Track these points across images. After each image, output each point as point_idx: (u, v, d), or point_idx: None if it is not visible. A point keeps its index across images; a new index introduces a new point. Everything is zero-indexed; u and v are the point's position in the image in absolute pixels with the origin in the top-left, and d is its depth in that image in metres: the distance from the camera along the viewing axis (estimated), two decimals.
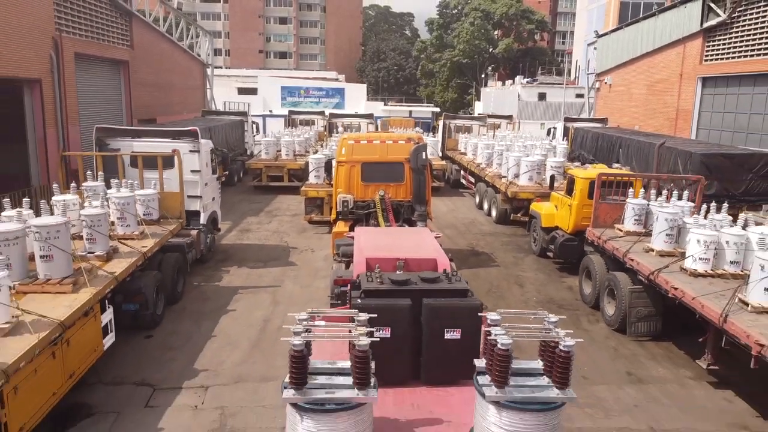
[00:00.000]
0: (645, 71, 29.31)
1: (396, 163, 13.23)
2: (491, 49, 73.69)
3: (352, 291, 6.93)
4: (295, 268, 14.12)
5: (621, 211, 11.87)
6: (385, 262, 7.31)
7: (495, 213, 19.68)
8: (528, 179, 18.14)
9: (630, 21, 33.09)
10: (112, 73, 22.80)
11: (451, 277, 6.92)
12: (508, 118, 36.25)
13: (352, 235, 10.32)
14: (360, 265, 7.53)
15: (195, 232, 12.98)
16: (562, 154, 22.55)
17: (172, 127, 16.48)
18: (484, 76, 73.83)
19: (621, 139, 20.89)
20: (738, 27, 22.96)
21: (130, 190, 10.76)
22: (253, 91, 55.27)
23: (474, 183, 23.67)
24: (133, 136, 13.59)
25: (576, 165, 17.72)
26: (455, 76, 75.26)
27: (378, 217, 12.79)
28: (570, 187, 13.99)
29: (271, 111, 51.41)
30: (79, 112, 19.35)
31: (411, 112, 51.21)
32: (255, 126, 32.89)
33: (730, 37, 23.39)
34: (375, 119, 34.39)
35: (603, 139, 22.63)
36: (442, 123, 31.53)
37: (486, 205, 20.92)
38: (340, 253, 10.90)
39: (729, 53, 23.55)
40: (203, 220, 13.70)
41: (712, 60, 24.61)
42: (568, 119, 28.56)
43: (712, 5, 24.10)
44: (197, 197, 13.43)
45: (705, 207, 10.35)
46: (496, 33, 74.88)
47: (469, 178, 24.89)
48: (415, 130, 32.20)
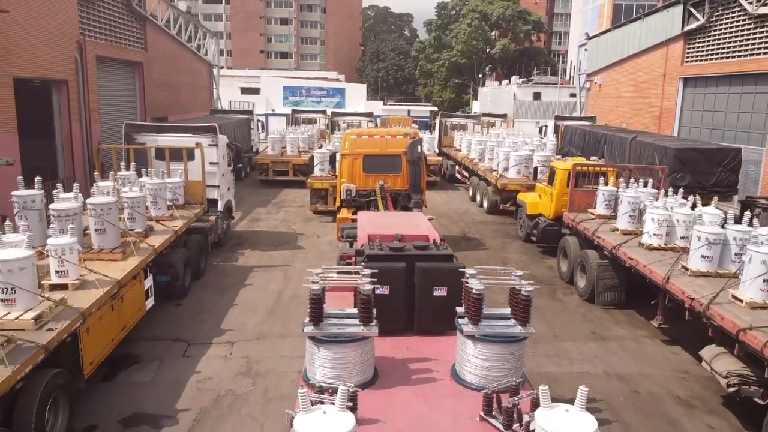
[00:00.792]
0: (631, 72, 30.83)
1: (394, 155, 14.70)
2: (488, 50, 75.15)
3: (357, 257, 8.41)
4: (303, 251, 15.62)
5: (593, 197, 13.39)
6: (384, 238, 8.77)
7: (486, 204, 21.22)
8: (516, 172, 19.66)
9: (618, 24, 34.61)
10: (128, 73, 24.30)
11: (439, 246, 8.41)
12: (502, 116, 37.77)
13: (355, 218, 11.83)
14: (363, 239, 8.98)
15: (213, 218, 14.47)
16: (550, 149, 24.03)
17: (185, 124, 17.95)
18: (482, 76, 75.27)
19: (605, 135, 22.38)
20: (715, 31, 24.48)
21: (160, 179, 12.25)
22: (255, 90, 56.77)
23: (468, 177, 25.19)
24: (157, 131, 15.08)
25: (557, 158, 19.22)
26: (453, 76, 76.71)
27: (378, 204, 14.25)
28: (551, 177, 15.50)
29: (273, 110, 52.88)
30: (100, 110, 20.86)
31: (409, 112, 52.68)
32: (260, 124, 34.38)
33: (708, 40, 24.91)
34: (375, 118, 35.90)
35: (589, 136, 24.11)
36: (438, 121, 33.03)
37: (478, 197, 22.46)
38: (344, 235, 12.40)
39: (707, 55, 25.06)
40: (220, 207, 15.20)
41: (692, 61, 26.13)
42: (559, 117, 30.02)
43: (692, 10, 25.61)
44: (215, 186, 14.91)
45: (663, 192, 11.85)
46: (493, 34, 76.34)
47: (463, 173, 26.42)
48: (412, 126, 33.67)
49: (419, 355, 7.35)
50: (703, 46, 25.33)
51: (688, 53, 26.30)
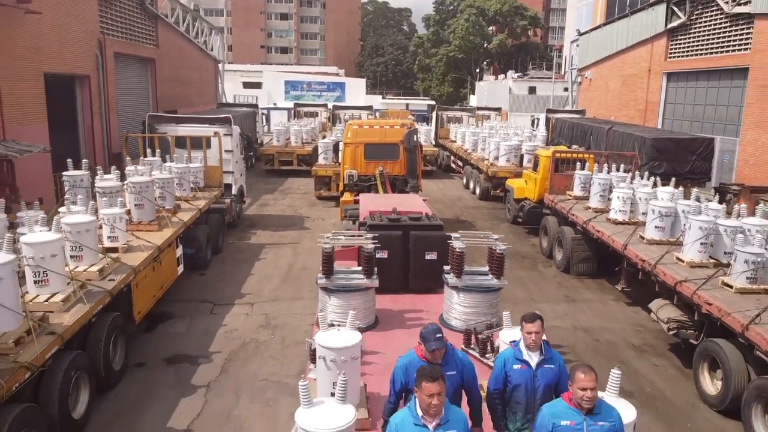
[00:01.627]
0: (619, 67, 32.32)
1: (392, 144, 16.17)
2: (486, 45, 76.55)
3: (360, 228, 9.94)
4: (309, 231, 17.15)
5: (571, 181, 14.91)
6: (384, 213, 10.31)
7: (478, 190, 22.76)
8: (506, 161, 21.19)
9: (607, 21, 36.05)
10: (142, 69, 25.74)
11: (430, 218, 9.97)
12: (497, 110, 39.24)
13: (357, 199, 13.39)
14: (365, 214, 10.52)
15: (228, 200, 15.97)
16: (540, 140, 25.53)
17: (202, 116, 19.42)
18: (479, 70, 76.70)
19: (591, 127, 23.85)
20: (695, 28, 25.95)
21: (184, 164, 13.76)
22: (257, 85, 58.22)
23: (462, 166, 26.72)
24: (177, 122, 16.57)
25: (540, 146, 20.75)
26: (451, 71, 78.12)
27: (378, 188, 15.76)
28: (536, 164, 17.01)
29: (275, 104, 54.34)
30: (117, 103, 22.33)
31: (408, 105, 54.18)
32: (264, 117, 35.88)
33: (690, 37, 26.39)
34: (374, 111, 37.39)
35: (577, 128, 25.57)
36: (435, 114, 34.53)
37: (471, 184, 24.00)
38: (347, 215, 13.99)
39: (689, 51, 26.54)
40: (234, 191, 16.70)
41: (675, 57, 27.61)
42: (550, 111, 31.47)
43: (675, 8, 27.08)
44: (230, 172, 16.40)
45: (632, 175, 13.37)
46: (490, 29, 77.71)
47: (458, 163, 27.95)
48: (409, 117, 35.15)
49: (413, 308, 8.90)
50: (684, 43, 26.81)
51: (671, 49, 27.78)
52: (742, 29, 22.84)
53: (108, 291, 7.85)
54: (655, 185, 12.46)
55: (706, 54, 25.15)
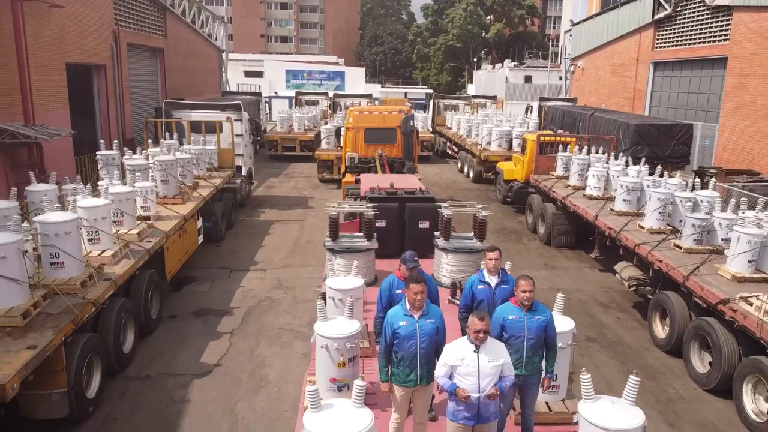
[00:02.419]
0: (609, 56, 33.54)
1: (391, 128, 17.46)
2: (483, 34, 77.50)
3: (361, 200, 11.27)
4: (313, 210, 18.52)
5: (554, 162, 16.25)
6: (382, 188, 11.64)
7: (472, 174, 24.10)
8: (498, 145, 22.52)
9: (599, 11, 37.20)
10: (152, 59, 26.97)
11: (423, 192, 11.33)
12: (492, 98, 40.45)
13: (358, 179, 14.74)
14: (365, 190, 11.86)
15: (239, 181, 17.31)
16: (532, 127, 26.83)
17: (214, 102, 20.69)
18: (477, 59, 77.72)
19: (579, 114, 25.15)
20: (680, 20, 27.17)
21: (201, 146, 15.08)
22: (258, 74, 59.33)
23: (457, 152, 28.05)
24: (191, 108, 17.87)
25: (530, 131, 22.08)
26: (449, 60, 79.12)
27: (377, 169, 17.08)
28: (523, 147, 18.34)
29: (276, 92, 55.53)
30: (131, 91, 23.59)
31: (406, 94, 55.35)
32: (267, 105, 37.12)
33: (675, 28, 27.61)
34: (373, 100, 38.62)
35: (568, 115, 26.84)
36: (432, 102, 35.78)
37: (465, 168, 25.33)
38: (349, 194, 15.30)
39: (674, 42, 27.78)
40: (244, 172, 18.04)
41: (661, 47, 28.84)
42: (543, 99, 32.73)
43: (661, 0, 28.26)
44: (240, 155, 17.73)
45: (609, 156, 14.71)
46: (488, 18, 78.60)
47: (453, 148, 29.27)
48: (406, 104, 36.41)
49: None
50: (670, 34, 28.04)
51: (658, 40, 29.01)
52: (722, 21, 24.08)
53: (146, 250, 9.22)
54: (627, 165, 13.80)
55: (690, 44, 26.39)
